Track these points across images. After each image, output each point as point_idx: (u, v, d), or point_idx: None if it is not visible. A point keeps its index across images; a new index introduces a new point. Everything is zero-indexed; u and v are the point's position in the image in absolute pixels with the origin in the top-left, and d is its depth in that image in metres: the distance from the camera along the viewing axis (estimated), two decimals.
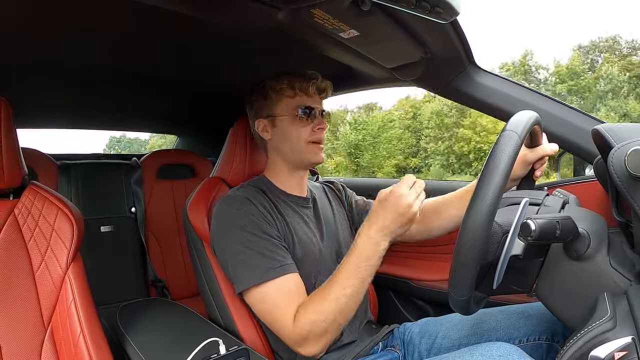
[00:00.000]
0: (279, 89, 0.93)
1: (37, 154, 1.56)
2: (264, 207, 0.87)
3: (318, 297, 0.77)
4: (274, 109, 0.94)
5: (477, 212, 0.51)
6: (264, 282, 0.79)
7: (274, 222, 0.87)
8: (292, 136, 0.93)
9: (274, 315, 0.80)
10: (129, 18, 0.85)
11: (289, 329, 0.77)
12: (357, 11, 0.69)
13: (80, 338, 0.73)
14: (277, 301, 0.79)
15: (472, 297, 0.55)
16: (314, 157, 0.94)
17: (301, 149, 0.93)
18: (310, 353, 0.78)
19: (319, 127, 0.93)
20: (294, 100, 0.93)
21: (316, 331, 0.76)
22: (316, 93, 0.94)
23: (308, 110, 0.92)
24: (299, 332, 0.76)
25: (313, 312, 0.76)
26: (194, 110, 1.87)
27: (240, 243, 0.82)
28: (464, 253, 0.51)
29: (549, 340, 0.81)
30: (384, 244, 0.75)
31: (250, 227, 0.83)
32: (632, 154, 0.51)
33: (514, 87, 1.05)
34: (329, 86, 0.97)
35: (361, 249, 0.76)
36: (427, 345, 0.92)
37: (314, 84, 0.93)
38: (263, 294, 0.80)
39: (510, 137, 0.54)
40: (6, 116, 0.78)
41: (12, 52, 0.99)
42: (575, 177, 1.10)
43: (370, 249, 0.75)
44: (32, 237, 0.79)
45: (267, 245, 0.82)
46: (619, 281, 0.56)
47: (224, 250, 0.85)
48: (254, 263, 0.80)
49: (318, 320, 0.75)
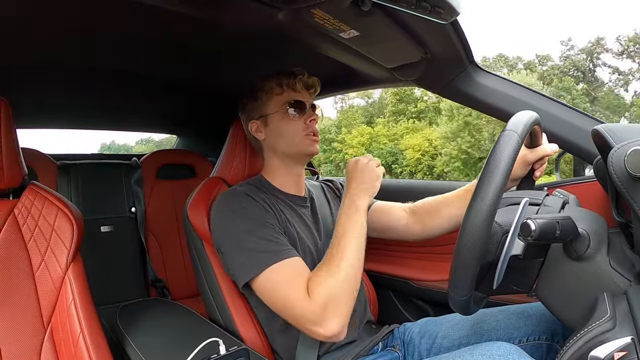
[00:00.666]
0: (268, 88, 0.94)
1: (37, 154, 1.56)
2: (264, 202, 0.88)
3: (323, 269, 0.77)
4: (265, 108, 0.95)
5: (477, 211, 0.51)
6: (275, 263, 0.78)
7: (274, 215, 0.87)
8: (286, 132, 0.93)
9: (289, 295, 0.77)
10: (129, 18, 0.85)
11: (307, 305, 0.74)
12: (357, 11, 0.69)
13: (80, 338, 0.73)
14: (290, 280, 0.78)
15: (472, 297, 0.56)
16: (309, 148, 0.94)
17: (296, 143, 0.93)
18: (332, 330, 0.73)
19: (311, 119, 0.94)
20: (283, 97, 0.93)
21: (334, 300, 0.74)
22: (304, 89, 0.95)
23: (298, 105, 0.93)
24: (317, 304, 0.73)
25: (325, 278, 0.75)
26: (194, 110, 1.86)
27: (244, 232, 0.82)
28: (464, 253, 0.51)
29: (548, 340, 0.81)
30: (359, 202, 0.83)
31: (251, 217, 0.84)
32: (631, 154, 0.52)
33: (514, 87, 1.05)
34: (316, 82, 0.97)
35: (343, 213, 0.83)
36: (427, 345, 0.92)
37: (300, 80, 0.94)
38: (275, 275, 0.78)
39: (511, 137, 0.54)
40: (6, 116, 0.78)
41: (12, 52, 0.99)
42: (575, 177, 1.10)
43: (350, 209, 0.82)
44: (32, 237, 0.79)
45: (270, 232, 0.82)
46: (619, 281, 0.56)
47: (227, 243, 0.85)
48: (261, 248, 0.80)
49: (333, 288, 0.74)
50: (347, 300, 0.75)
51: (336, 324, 0.73)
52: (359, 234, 0.80)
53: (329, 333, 0.73)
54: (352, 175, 0.86)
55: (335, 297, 0.74)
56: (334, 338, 0.75)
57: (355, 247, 0.78)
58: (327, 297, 0.73)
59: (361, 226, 0.81)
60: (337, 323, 0.73)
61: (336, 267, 0.76)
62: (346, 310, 0.75)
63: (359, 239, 0.79)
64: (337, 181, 1.15)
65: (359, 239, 0.80)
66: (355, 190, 0.84)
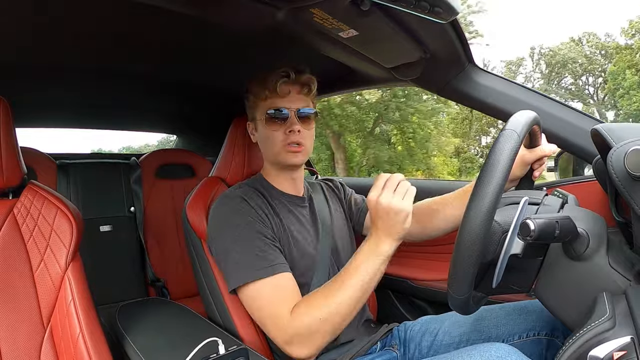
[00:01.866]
0: (255, 91, 0.91)
1: (37, 153, 1.55)
2: (259, 207, 0.87)
3: (318, 295, 0.77)
4: (254, 112, 0.94)
5: (477, 210, 0.51)
6: (256, 281, 0.79)
7: (269, 222, 0.87)
8: (267, 141, 0.92)
9: (267, 313, 0.78)
10: (129, 18, 0.85)
11: (283, 326, 0.76)
12: (357, 11, 0.69)
13: (79, 338, 0.73)
14: (270, 299, 0.78)
15: (471, 296, 0.55)
16: (289, 160, 0.90)
17: (275, 153, 0.91)
18: (300, 355, 0.76)
19: (290, 130, 0.88)
20: (266, 103, 0.89)
21: (312, 330, 0.74)
22: (294, 91, 0.89)
23: (277, 113, 0.88)
24: (293, 329, 0.75)
25: (311, 309, 0.75)
26: (193, 110, 1.87)
27: (232, 241, 0.83)
28: (464, 252, 0.51)
29: (548, 335, 0.82)
30: (384, 247, 0.75)
31: (243, 225, 0.83)
32: (631, 154, 0.52)
33: (513, 87, 1.05)
34: (309, 79, 0.91)
35: (363, 253, 0.76)
36: (428, 342, 0.93)
37: (285, 83, 0.87)
38: (255, 291, 0.80)
39: (510, 136, 0.54)
40: (5, 115, 0.78)
41: (12, 51, 0.99)
42: (574, 176, 1.10)
43: (371, 254, 0.75)
44: (32, 237, 0.79)
45: (259, 245, 0.82)
46: (618, 281, 0.56)
47: (218, 248, 0.86)
48: (245, 261, 0.80)
49: (315, 319, 0.74)
50: (326, 333, 0.75)
51: (307, 351, 0.76)
52: (371, 279, 0.75)
53: (297, 356, 0.76)
54: (376, 215, 0.75)
55: (316, 327, 0.74)
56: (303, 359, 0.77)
57: (358, 291, 0.74)
58: (308, 324, 0.74)
59: (374, 272, 0.75)
60: (307, 350, 0.76)
61: (327, 303, 0.74)
62: (320, 343, 0.76)
63: (368, 283, 0.75)
64: (337, 180, 1.15)
65: (369, 284, 0.75)
66: (381, 233, 0.75)
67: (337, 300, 0.74)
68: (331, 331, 0.75)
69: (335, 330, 0.76)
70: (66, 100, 1.55)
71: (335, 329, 0.76)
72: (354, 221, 1.08)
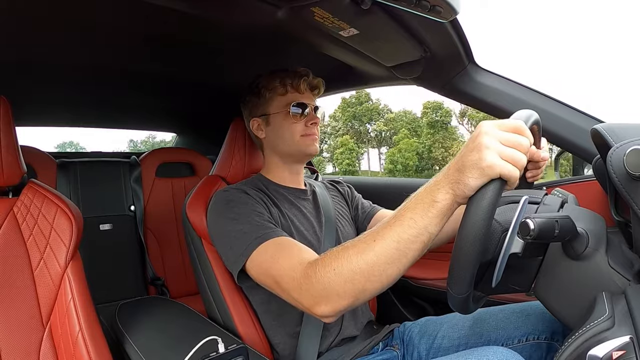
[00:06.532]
0: (272, 87, 0.95)
1: (37, 152, 1.56)
2: (258, 197, 0.88)
3: (343, 247, 0.64)
4: (267, 107, 0.96)
5: (477, 209, 0.51)
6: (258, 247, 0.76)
7: (267, 209, 0.87)
8: (286, 133, 0.94)
9: (279, 269, 0.70)
10: (129, 16, 0.85)
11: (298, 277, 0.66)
12: (357, 9, 0.69)
13: (79, 336, 0.74)
14: (278, 254, 0.72)
15: (471, 295, 0.55)
16: (308, 148, 0.95)
17: (296, 142, 0.94)
18: (325, 312, 0.64)
19: (312, 122, 0.94)
20: (286, 98, 0.94)
21: (327, 290, 0.62)
22: (308, 89, 0.96)
23: (300, 107, 0.94)
24: (307, 281, 0.64)
25: (329, 260, 0.63)
26: (193, 108, 1.87)
27: (231, 220, 0.82)
28: (464, 250, 0.51)
29: (548, 339, 0.81)
30: (439, 195, 0.54)
31: (242, 206, 0.84)
32: (631, 154, 0.51)
33: (514, 86, 1.04)
34: (320, 83, 0.98)
35: (415, 198, 0.58)
36: (427, 345, 0.92)
37: (305, 81, 0.95)
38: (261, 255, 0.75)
39: None
40: (5, 114, 0.78)
41: (12, 50, 0.99)
42: (574, 176, 1.10)
43: (424, 199, 0.56)
44: (31, 236, 0.79)
45: (257, 219, 0.81)
46: (618, 281, 0.56)
47: (217, 235, 0.86)
48: (245, 234, 0.79)
49: (330, 271, 0.62)
50: (339, 295, 0.62)
51: (326, 310, 0.64)
52: (412, 236, 0.56)
53: (323, 313, 0.64)
54: (465, 148, 0.54)
55: (324, 285, 0.62)
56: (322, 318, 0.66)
57: (392, 247, 0.57)
58: (320, 283, 0.63)
59: (420, 228, 0.55)
60: (334, 306, 0.63)
61: (347, 254, 0.61)
62: (337, 303, 0.62)
63: (408, 241, 0.56)
64: (344, 182, 1.16)
65: (407, 243, 0.56)
66: (445, 175, 0.55)
67: (364, 254, 0.59)
68: (352, 291, 0.61)
69: (356, 292, 0.61)
70: (66, 100, 1.55)
71: (357, 290, 0.60)
72: (358, 224, 1.09)
